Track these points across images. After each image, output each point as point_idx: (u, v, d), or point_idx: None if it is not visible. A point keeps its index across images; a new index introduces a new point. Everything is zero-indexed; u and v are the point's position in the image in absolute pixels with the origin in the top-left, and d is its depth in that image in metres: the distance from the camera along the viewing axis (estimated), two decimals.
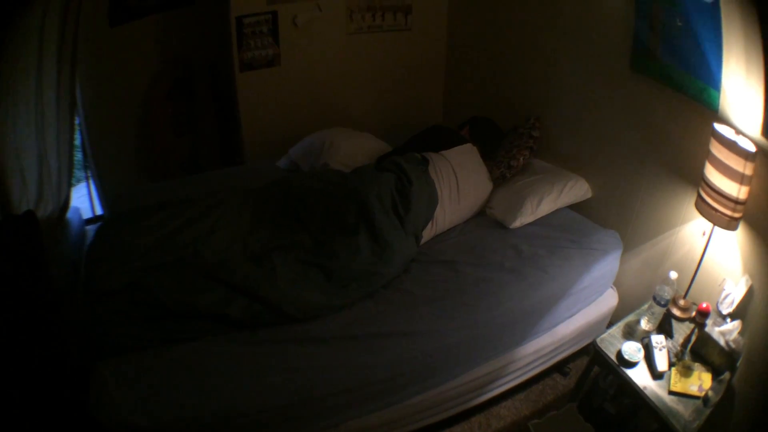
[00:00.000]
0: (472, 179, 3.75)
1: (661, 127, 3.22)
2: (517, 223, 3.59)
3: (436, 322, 2.89)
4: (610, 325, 3.27)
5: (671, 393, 2.63)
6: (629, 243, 3.56)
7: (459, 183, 3.65)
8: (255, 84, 4.53)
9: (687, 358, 2.75)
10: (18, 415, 2.40)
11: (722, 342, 2.59)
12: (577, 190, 3.82)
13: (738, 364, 2.61)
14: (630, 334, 2.97)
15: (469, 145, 3.94)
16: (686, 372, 2.67)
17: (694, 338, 2.79)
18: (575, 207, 3.87)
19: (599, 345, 2.92)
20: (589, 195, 3.86)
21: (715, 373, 2.66)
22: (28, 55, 3.25)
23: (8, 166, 3.16)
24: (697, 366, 2.70)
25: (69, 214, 3.93)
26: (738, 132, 2.54)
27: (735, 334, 2.58)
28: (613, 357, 2.84)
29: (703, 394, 2.57)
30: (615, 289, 3.65)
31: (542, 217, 3.70)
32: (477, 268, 3.25)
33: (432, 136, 4.09)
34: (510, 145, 4.09)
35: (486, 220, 3.79)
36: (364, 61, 4.92)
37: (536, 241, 3.50)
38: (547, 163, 4.14)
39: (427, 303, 3.00)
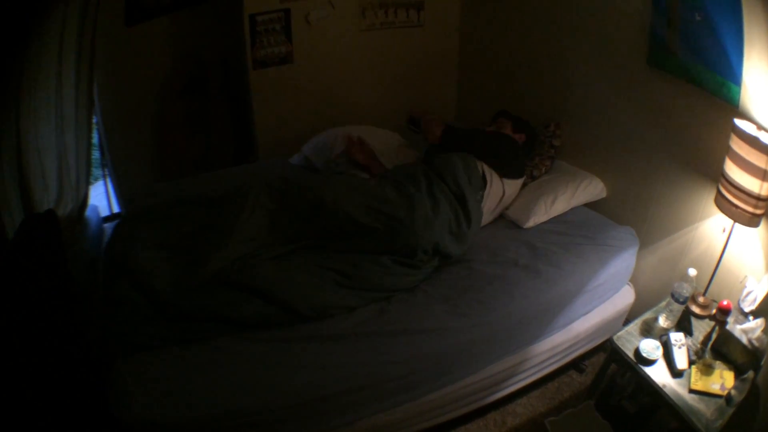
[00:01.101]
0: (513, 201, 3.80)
1: (678, 122, 3.20)
2: (531, 223, 3.59)
3: (450, 320, 2.88)
4: (626, 322, 3.23)
5: (692, 391, 2.60)
6: (645, 240, 3.54)
7: (501, 204, 3.71)
8: (268, 81, 4.53)
9: (708, 356, 2.73)
10: (38, 412, 2.41)
11: (745, 340, 2.57)
12: (592, 189, 3.81)
13: (762, 362, 2.58)
14: (647, 331, 2.94)
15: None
16: (707, 370, 2.64)
17: (714, 336, 2.77)
18: (590, 204, 3.85)
19: (616, 342, 2.90)
20: (604, 195, 3.86)
21: (738, 372, 2.63)
22: (49, 57, 3.31)
23: (31, 166, 3.21)
24: (718, 364, 2.67)
25: (87, 213, 3.98)
26: (760, 128, 2.51)
27: (758, 333, 2.55)
28: (630, 354, 2.82)
29: (725, 393, 2.55)
30: (631, 286, 3.62)
31: (557, 215, 3.68)
32: (491, 266, 3.25)
33: (498, 145, 3.83)
34: (532, 153, 4.09)
35: (500, 218, 3.79)
36: (376, 57, 4.91)
37: (551, 238, 3.49)
38: (562, 160, 4.12)
39: (441, 301, 3.00)
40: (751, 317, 2.66)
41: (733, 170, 2.58)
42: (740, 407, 2.52)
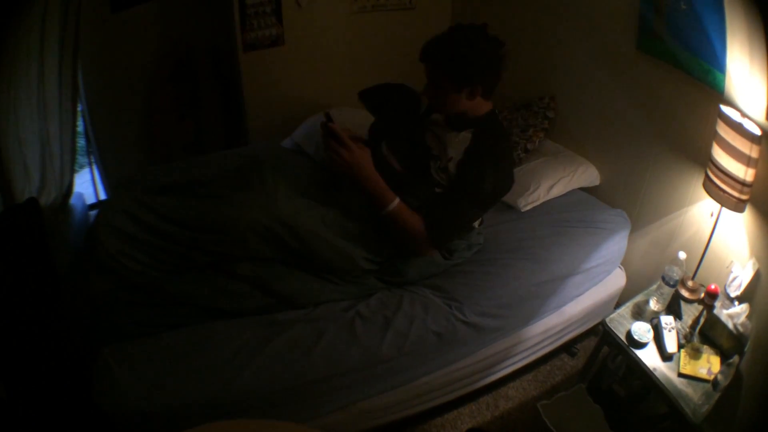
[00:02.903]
0: None
1: (668, 107, 3.22)
2: (529, 207, 3.60)
3: (441, 303, 2.92)
4: (618, 305, 3.26)
5: (681, 375, 2.63)
6: (637, 223, 3.56)
7: None
8: (259, 64, 4.52)
9: (696, 340, 2.76)
10: (21, 402, 2.43)
11: (730, 325, 2.59)
12: (587, 176, 3.84)
13: (746, 348, 2.60)
14: (639, 314, 2.97)
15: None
16: (695, 354, 2.67)
17: (702, 320, 2.80)
18: (583, 186, 3.88)
19: (609, 325, 2.92)
20: (597, 182, 3.87)
21: (724, 357, 2.66)
22: (30, 42, 3.26)
23: (11, 155, 3.17)
24: (705, 348, 2.70)
25: (72, 200, 3.94)
26: (744, 115, 2.54)
27: (743, 318, 2.58)
28: (622, 337, 2.85)
29: (712, 377, 2.58)
30: (623, 269, 3.65)
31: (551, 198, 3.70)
32: (482, 251, 3.27)
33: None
34: (525, 124, 4.07)
35: None
36: (368, 40, 4.89)
37: (542, 219, 3.51)
38: (557, 142, 4.13)
39: (430, 287, 3.03)
40: (736, 302, 2.68)
41: (720, 155, 2.60)
42: (725, 392, 2.55)
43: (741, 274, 2.69)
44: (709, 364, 2.63)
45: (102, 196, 5.10)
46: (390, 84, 3.57)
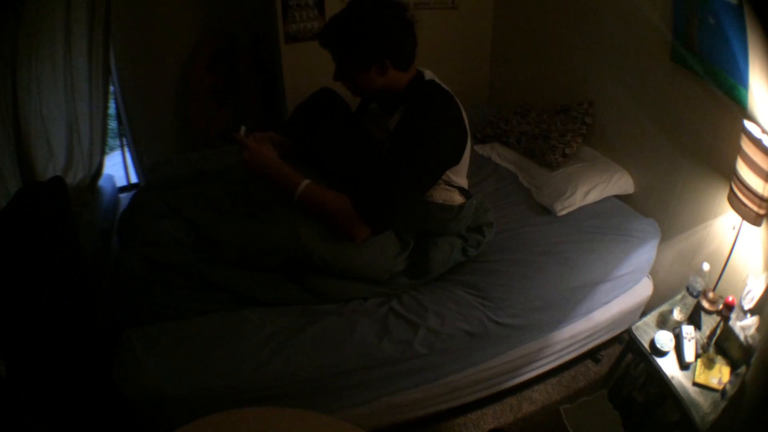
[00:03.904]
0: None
1: (698, 119, 3.24)
2: (565, 212, 3.64)
3: (475, 301, 2.95)
4: (643, 314, 3.28)
5: (695, 384, 2.67)
6: (666, 233, 3.57)
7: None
8: (300, 56, 4.58)
9: (711, 350, 2.79)
10: (41, 382, 2.47)
11: (742, 337, 2.63)
12: (622, 183, 3.85)
13: (752, 359, 2.64)
14: (663, 323, 3.00)
15: None
16: (709, 364, 2.70)
17: (719, 331, 2.82)
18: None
19: (634, 333, 2.96)
20: (632, 191, 3.89)
21: (734, 367, 2.70)
22: (53, 18, 3.33)
23: (33, 130, 3.22)
24: (719, 359, 2.73)
25: (101, 182, 4.00)
26: (764, 131, 2.55)
27: (753, 330, 2.62)
28: (646, 345, 2.88)
29: (721, 387, 2.62)
30: (650, 278, 3.66)
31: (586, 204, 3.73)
32: (516, 252, 3.30)
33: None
34: (564, 129, 4.09)
35: (526, 202, 3.85)
36: None
37: (577, 225, 3.54)
38: (593, 148, 4.15)
39: (464, 285, 3.06)
40: (749, 315, 2.71)
41: (743, 169, 2.63)
42: (730, 401, 2.59)
43: (755, 286, 2.72)
44: (720, 374, 2.67)
45: (133, 179, 5.16)
46: (303, 105, 3.44)
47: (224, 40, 5.03)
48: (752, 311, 2.71)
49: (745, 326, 2.64)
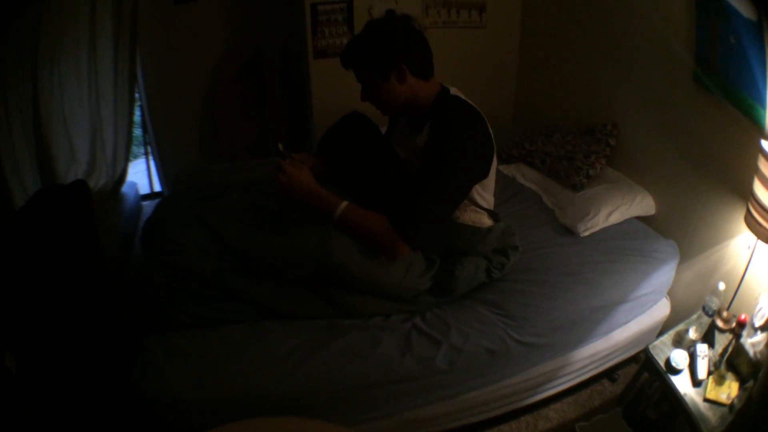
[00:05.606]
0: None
1: (719, 140, 3.27)
2: (588, 233, 3.67)
3: (498, 320, 2.98)
4: (660, 333, 3.33)
5: (705, 400, 2.71)
6: (685, 254, 3.58)
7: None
8: (328, 71, 4.65)
9: (723, 367, 2.82)
10: (61, 386, 2.51)
11: (751, 353, 2.67)
12: (644, 205, 3.88)
13: (760, 375, 2.64)
14: (678, 342, 3.02)
15: None
16: (720, 381, 2.74)
17: (731, 349, 2.86)
18: None
19: (651, 352, 2.99)
20: (653, 212, 3.91)
21: (742, 382, 2.73)
22: (76, 18, 3.39)
23: (54, 130, 3.27)
24: (729, 375, 2.77)
25: (125, 189, 4.03)
26: None
27: (762, 346, 2.66)
28: (662, 364, 2.92)
29: (729, 402, 2.66)
30: (668, 298, 3.69)
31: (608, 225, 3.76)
32: (539, 272, 3.33)
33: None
34: (588, 150, 4.13)
35: (550, 223, 3.88)
36: (437, 56, 4.87)
37: (599, 246, 3.56)
38: (615, 169, 4.18)
39: (488, 303, 3.10)
40: (759, 332, 2.75)
41: (760, 190, 2.67)
42: (737, 416, 2.61)
43: (766, 304, 2.76)
44: (730, 390, 2.70)
45: (157, 187, 5.20)
46: (333, 129, 3.41)
47: (253, 53, 5.08)
48: (763, 328, 2.76)
49: (755, 342, 2.69)
